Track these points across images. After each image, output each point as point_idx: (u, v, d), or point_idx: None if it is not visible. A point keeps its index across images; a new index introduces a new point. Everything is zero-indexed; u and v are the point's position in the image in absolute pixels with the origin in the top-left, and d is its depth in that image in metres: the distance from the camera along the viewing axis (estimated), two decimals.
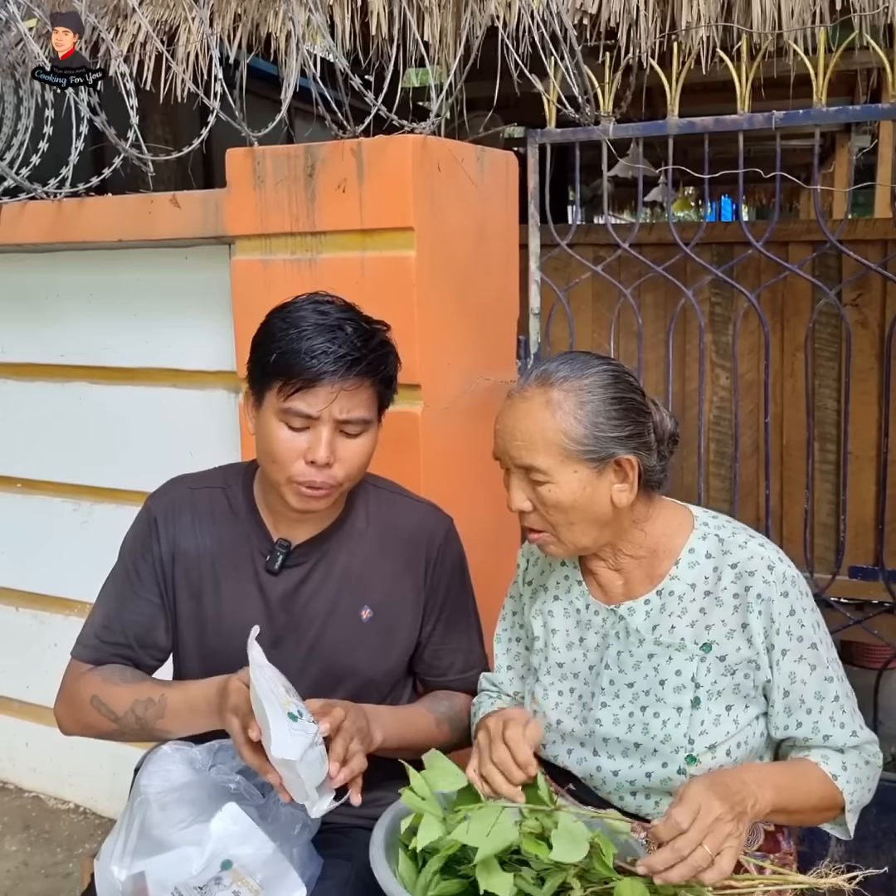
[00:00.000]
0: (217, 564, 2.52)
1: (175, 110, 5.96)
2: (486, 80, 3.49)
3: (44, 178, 3.70)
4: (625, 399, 2.18)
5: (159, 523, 2.55)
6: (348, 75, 3.10)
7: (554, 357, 2.25)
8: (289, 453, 2.31)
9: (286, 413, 2.29)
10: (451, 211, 3.25)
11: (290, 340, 2.27)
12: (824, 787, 2.16)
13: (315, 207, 3.21)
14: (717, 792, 1.90)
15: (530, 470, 2.16)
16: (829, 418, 5.14)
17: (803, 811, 2.13)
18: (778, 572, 2.20)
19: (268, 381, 2.31)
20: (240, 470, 2.64)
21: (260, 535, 2.52)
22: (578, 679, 2.37)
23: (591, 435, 2.13)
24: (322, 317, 2.32)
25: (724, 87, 3.41)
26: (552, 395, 2.14)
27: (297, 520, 2.49)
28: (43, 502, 4.30)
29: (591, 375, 2.17)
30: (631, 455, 2.18)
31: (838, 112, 3.29)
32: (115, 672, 2.51)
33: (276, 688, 2.09)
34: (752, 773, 2.07)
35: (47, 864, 4.15)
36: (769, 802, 2.01)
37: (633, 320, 3.77)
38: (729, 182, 3.58)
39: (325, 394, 2.27)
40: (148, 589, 2.54)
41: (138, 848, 2.16)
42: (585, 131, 3.47)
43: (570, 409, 2.13)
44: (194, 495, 2.58)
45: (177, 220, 3.53)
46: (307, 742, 2.03)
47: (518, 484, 2.21)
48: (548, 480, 2.15)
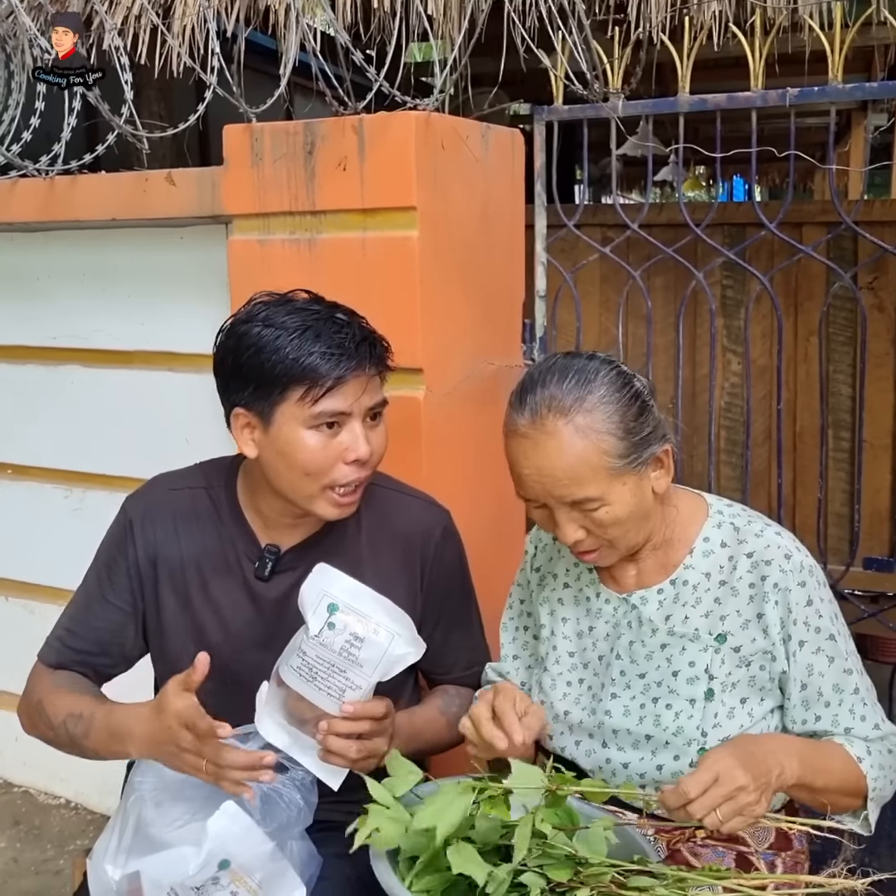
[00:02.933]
0: (203, 570, 2.49)
1: (171, 85, 5.94)
2: (492, 55, 3.48)
3: (35, 155, 3.69)
4: (637, 392, 2.17)
5: (135, 527, 2.51)
6: (349, 50, 3.09)
7: (543, 376, 2.16)
8: (327, 460, 2.29)
9: (317, 417, 2.26)
10: (455, 190, 3.24)
11: (296, 344, 2.24)
12: (848, 768, 2.15)
13: (315, 186, 3.20)
14: (741, 761, 1.90)
15: (581, 502, 2.13)
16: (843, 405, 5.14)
17: (826, 791, 2.10)
18: (795, 561, 2.20)
19: (280, 394, 2.26)
20: (221, 468, 2.60)
21: (246, 540, 2.49)
22: (588, 669, 2.37)
23: (630, 444, 2.12)
24: (307, 313, 2.31)
25: (737, 63, 3.39)
26: (577, 421, 2.09)
27: (289, 526, 2.47)
28: (34, 489, 4.29)
29: (601, 384, 2.13)
30: (665, 445, 2.19)
31: (854, 89, 3.28)
32: (68, 681, 2.50)
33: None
34: (780, 743, 2.08)
35: (38, 860, 4.15)
36: (795, 774, 2.00)
37: (642, 304, 3.76)
38: (741, 161, 3.56)
39: (357, 385, 2.27)
40: (119, 595, 2.51)
41: (133, 847, 2.16)
42: (594, 108, 3.46)
43: (602, 428, 2.10)
44: (175, 497, 2.54)
45: (172, 199, 3.52)
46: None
47: (567, 517, 2.16)
48: (602, 504, 2.12)
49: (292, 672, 2.14)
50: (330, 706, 2.11)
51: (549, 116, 3.57)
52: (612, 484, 2.11)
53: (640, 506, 2.18)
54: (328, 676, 2.10)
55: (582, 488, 2.10)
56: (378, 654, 2.09)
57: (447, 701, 2.60)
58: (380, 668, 2.10)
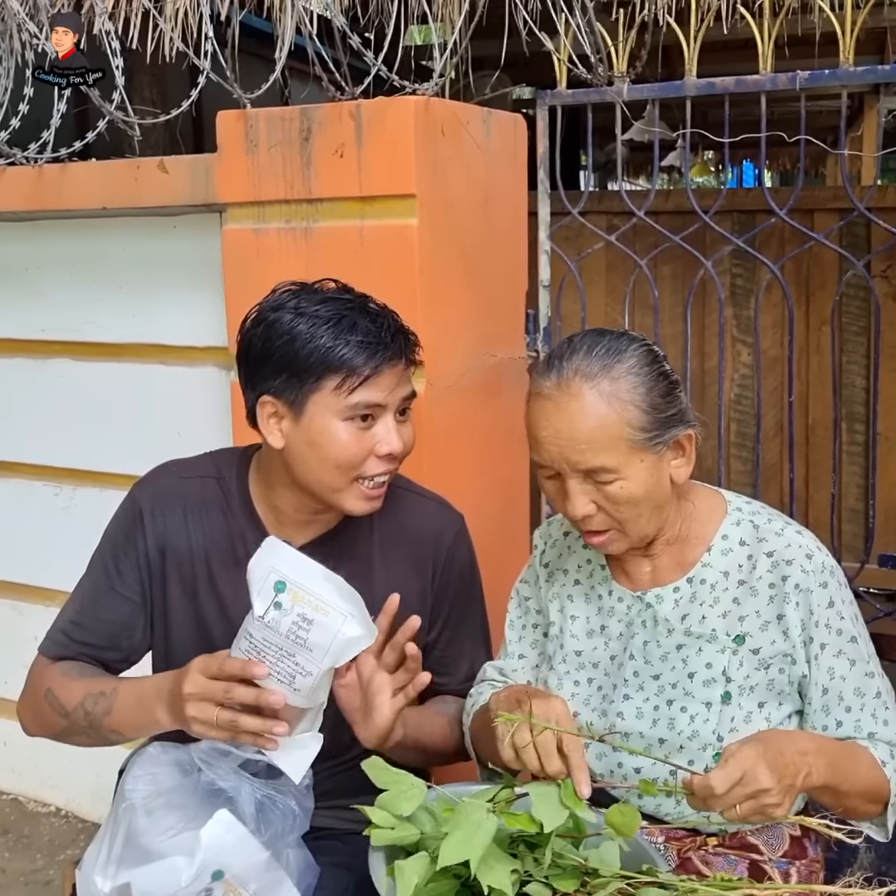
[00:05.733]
0: (212, 562, 2.49)
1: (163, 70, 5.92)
2: (493, 37, 3.47)
3: (24, 143, 3.68)
4: (667, 372, 2.17)
5: (146, 516, 2.49)
6: (347, 33, 3.08)
7: (573, 346, 2.18)
8: (360, 452, 2.29)
9: (354, 408, 2.26)
10: (455, 177, 3.23)
11: (336, 332, 2.25)
12: (873, 773, 2.14)
13: (311, 173, 3.19)
14: (768, 761, 1.87)
15: (596, 471, 2.12)
16: (857, 397, 5.14)
17: (850, 795, 2.09)
18: (817, 561, 2.19)
19: (315, 383, 2.26)
20: (232, 459, 2.58)
21: (256, 534, 2.45)
22: (598, 669, 2.36)
23: (654, 419, 2.11)
24: (339, 303, 2.31)
25: (746, 45, 3.39)
26: (603, 386, 2.10)
27: (303, 522, 2.47)
28: (22, 486, 4.29)
29: (631, 356, 2.14)
30: (689, 430, 2.18)
31: (867, 72, 3.26)
32: (76, 668, 2.47)
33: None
34: (812, 743, 2.05)
35: (26, 870, 4.14)
36: (822, 777, 1.98)
37: (648, 293, 3.74)
38: (751, 146, 3.54)
39: (392, 376, 2.29)
40: (128, 586, 2.50)
41: (123, 857, 2.14)
42: (598, 92, 3.45)
43: (627, 397, 2.10)
44: (185, 485, 2.53)
45: (164, 187, 3.51)
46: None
47: (579, 488, 2.15)
48: (617, 478, 2.12)
49: (241, 655, 2.07)
50: (281, 693, 2.04)
51: (553, 101, 3.55)
52: (630, 458, 2.11)
53: (656, 491, 2.17)
54: (277, 661, 2.03)
55: (597, 456, 2.10)
56: (328, 637, 2.02)
57: (445, 704, 2.59)
58: (331, 652, 2.02)
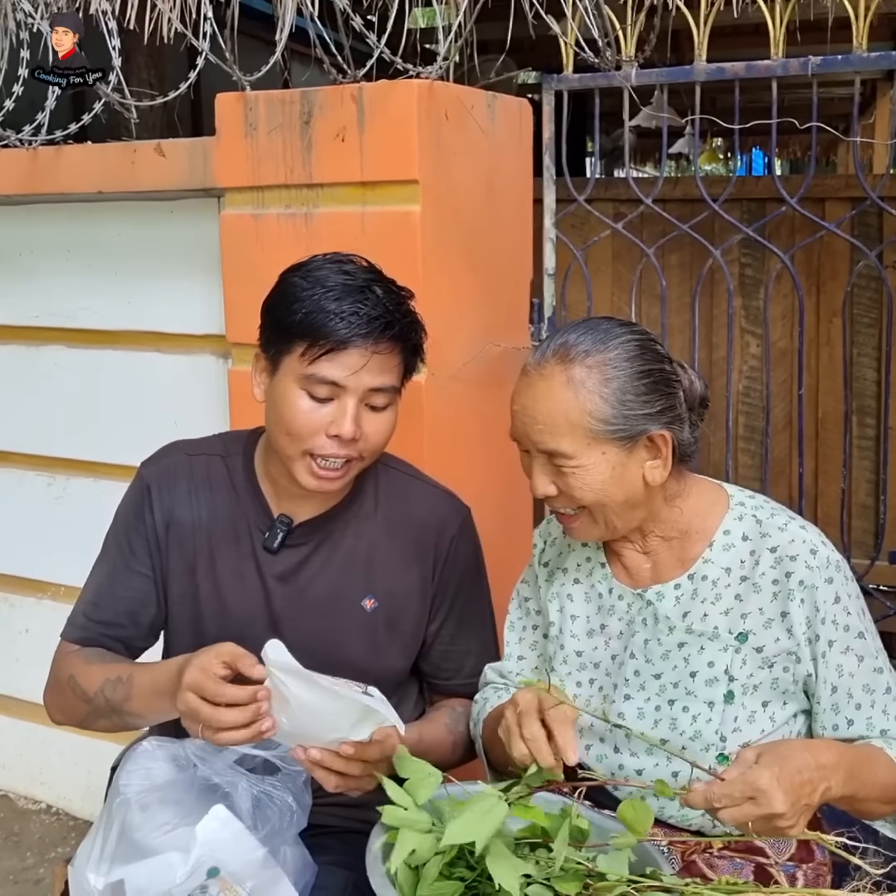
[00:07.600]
0: (212, 538, 2.51)
1: (161, 52, 5.90)
2: (499, 20, 3.45)
3: (18, 125, 3.68)
4: (653, 371, 2.16)
5: (153, 491, 2.53)
6: (349, 15, 3.07)
7: (572, 325, 2.22)
8: (308, 425, 2.30)
9: (309, 379, 2.28)
10: (459, 162, 3.22)
11: (317, 300, 2.27)
12: (890, 774, 2.12)
13: (312, 158, 3.19)
14: (784, 784, 1.81)
15: (554, 455, 2.14)
16: (868, 390, 5.13)
17: (868, 800, 2.08)
18: (821, 557, 2.18)
19: (288, 344, 2.30)
20: (240, 438, 2.62)
21: (259, 509, 2.51)
22: (599, 669, 2.36)
23: (620, 414, 2.12)
24: (348, 277, 2.32)
25: (757, 30, 3.40)
26: (573, 372, 2.12)
27: (301, 496, 2.47)
28: (15, 476, 4.29)
29: (615, 347, 2.15)
30: (664, 430, 2.17)
31: (880, 58, 3.25)
32: (97, 653, 2.50)
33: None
34: (832, 754, 1.98)
35: (16, 869, 4.13)
36: (841, 789, 1.96)
37: (656, 282, 3.75)
38: (761, 133, 3.53)
39: (357, 358, 2.27)
40: (141, 562, 2.53)
41: (117, 853, 2.14)
42: (605, 77, 3.44)
43: (594, 388, 2.11)
44: (191, 462, 2.57)
45: (162, 171, 3.51)
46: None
47: (541, 469, 2.19)
48: (575, 465, 2.13)
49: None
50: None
51: (559, 85, 3.54)
52: (589, 446, 2.13)
53: (621, 487, 2.17)
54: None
55: (554, 439, 2.13)
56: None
57: (455, 719, 2.58)
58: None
